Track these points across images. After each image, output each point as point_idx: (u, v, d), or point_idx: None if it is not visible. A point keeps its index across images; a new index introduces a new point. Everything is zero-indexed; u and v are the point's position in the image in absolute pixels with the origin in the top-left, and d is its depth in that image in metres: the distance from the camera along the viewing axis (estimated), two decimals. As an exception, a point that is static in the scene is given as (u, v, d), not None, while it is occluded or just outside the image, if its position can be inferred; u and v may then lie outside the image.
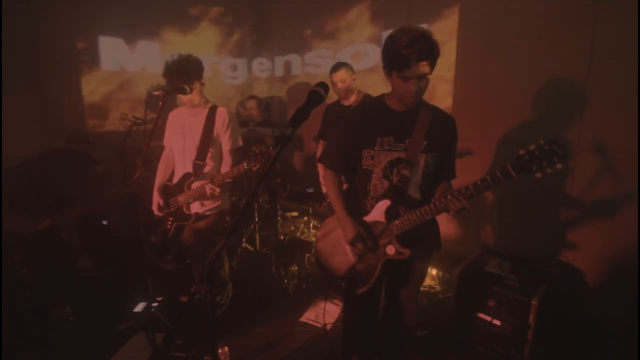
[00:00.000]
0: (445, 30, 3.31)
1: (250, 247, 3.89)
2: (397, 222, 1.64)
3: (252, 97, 4.39)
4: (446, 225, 3.42)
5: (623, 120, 2.44)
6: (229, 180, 2.32)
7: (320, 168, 3.11)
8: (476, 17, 3.13)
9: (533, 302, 2.11)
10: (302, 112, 1.18)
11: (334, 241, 1.83)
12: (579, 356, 2.32)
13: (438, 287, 3.10)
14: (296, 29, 4.60)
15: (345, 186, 1.87)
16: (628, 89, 2.39)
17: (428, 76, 1.51)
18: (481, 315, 2.32)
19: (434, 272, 3.22)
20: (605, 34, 2.48)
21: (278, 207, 3.95)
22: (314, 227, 3.78)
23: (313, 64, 4.53)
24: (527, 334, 2.15)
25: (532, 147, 1.32)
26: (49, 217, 3.40)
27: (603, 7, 2.47)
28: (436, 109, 1.70)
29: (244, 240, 3.89)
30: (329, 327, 2.64)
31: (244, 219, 3.88)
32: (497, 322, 2.26)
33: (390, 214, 1.66)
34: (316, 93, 1.22)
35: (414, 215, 1.60)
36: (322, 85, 1.24)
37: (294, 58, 4.74)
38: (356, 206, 1.76)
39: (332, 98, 2.82)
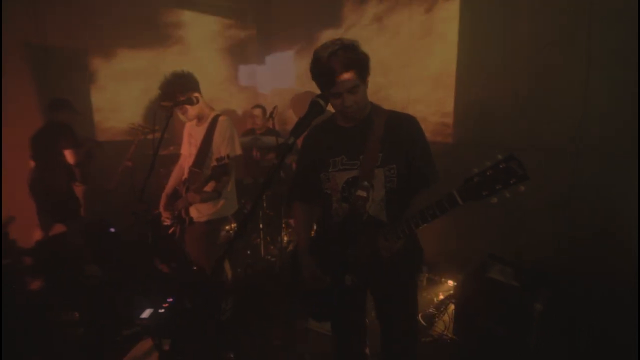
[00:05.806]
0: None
1: (255, 254, 3.91)
2: (350, 251, 1.52)
3: (257, 105, 4.45)
4: (448, 232, 3.43)
5: (623, 121, 2.44)
6: (209, 190, 2.36)
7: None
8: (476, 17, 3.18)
9: (536, 307, 2.12)
10: (302, 122, 1.23)
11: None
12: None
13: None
14: (303, 38, 4.66)
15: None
16: (627, 88, 2.39)
17: (359, 85, 1.42)
18: (484, 321, 2.33)
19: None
20: (603, 33, 2.48)
21: (282, 214, 3.99)
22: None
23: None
24: (530, 339, 2.15)
25: (488, 164, 1.18)
26: (57, 225, 3.46)
27: (598, 7, 2.48)
28: (392, 114, 1.57)
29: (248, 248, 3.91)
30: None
31: (248, 226, 3.91)
32: (500, 328, 2.26)
33: (347, 241, 1.53)
34: (316, 104, 1.27)
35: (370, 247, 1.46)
36: (323, 96, 1.29)
37: (299, 67, 4.79)
38: (326, 233, 1.69)
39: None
